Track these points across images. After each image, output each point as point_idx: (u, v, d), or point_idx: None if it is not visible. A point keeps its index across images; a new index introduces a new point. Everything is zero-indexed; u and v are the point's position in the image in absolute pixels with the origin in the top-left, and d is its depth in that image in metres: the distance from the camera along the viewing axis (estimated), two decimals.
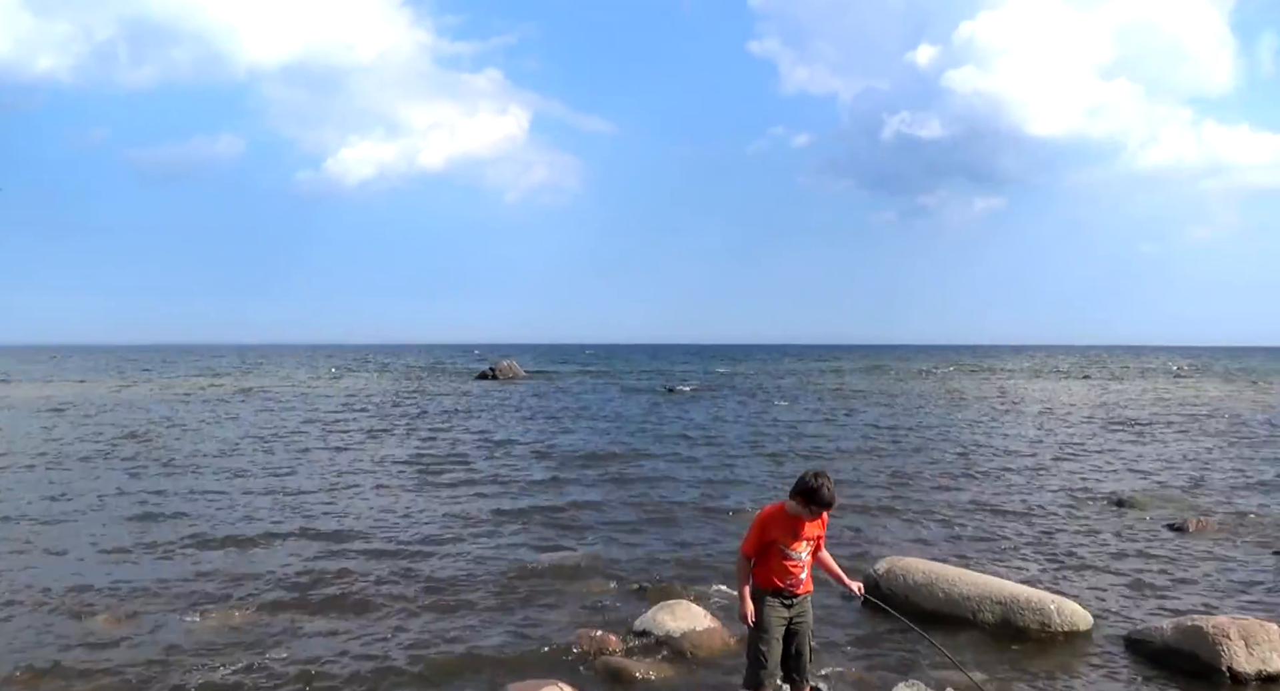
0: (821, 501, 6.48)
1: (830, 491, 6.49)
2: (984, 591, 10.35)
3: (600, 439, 28.07)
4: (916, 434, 29.95)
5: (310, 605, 10.76)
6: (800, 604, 6.84)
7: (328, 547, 13.56)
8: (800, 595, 6.82)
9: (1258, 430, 31.43)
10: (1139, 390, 55.41)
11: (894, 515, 16.47)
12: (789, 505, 6.62)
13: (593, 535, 14.65)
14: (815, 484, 6.44)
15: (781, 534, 6.63)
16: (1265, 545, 14.30)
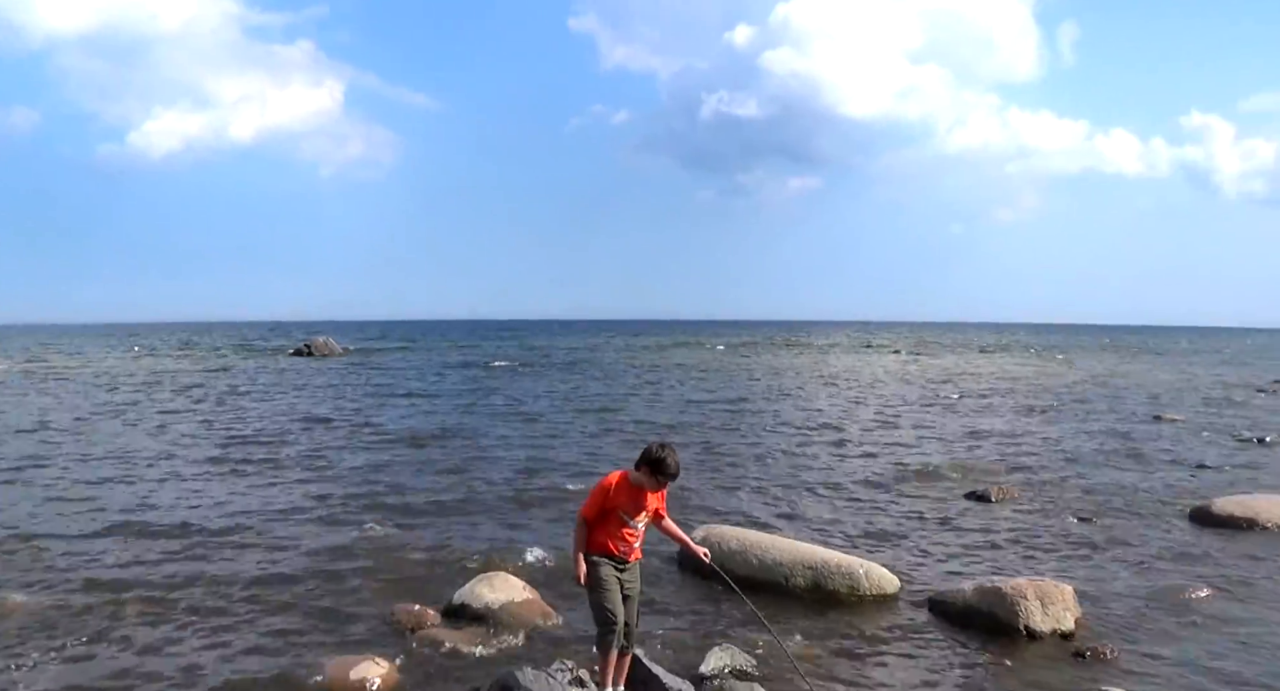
0: (666, 472, 6.52)
1: (675, 463, 6.55)
2: (796, 557, 10.53)
3: (418, 416, 27.63)
4: (732, 407, 30.44)
5: (120, 599, 10.12)
6: (631, 570, 6.86)
7: (132, 535, 12.91)
8: (631, 562, 6.84)
9: (1059, 403, 32.97)
10: (948, 365, 57.53)
11: (709, 485, 16.67)
12: (633, 475, 6.64)
13: (411, 512, 14.35)
14: (661, 455, 6.48)
15: (624, 503, 6.64)
16: (1063, 511, 14.97)
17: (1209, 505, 14.64)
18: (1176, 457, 20.64)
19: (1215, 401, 34.36)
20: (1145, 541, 13.15)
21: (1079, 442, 22.92)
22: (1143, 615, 9.91)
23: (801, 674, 7.69)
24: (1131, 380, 45.48)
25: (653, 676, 7.20)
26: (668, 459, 6.48)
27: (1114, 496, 16.21)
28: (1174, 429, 26.06)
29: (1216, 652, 8.81)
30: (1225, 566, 11.89)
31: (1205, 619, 9.80)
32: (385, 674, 7.85)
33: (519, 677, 7.10)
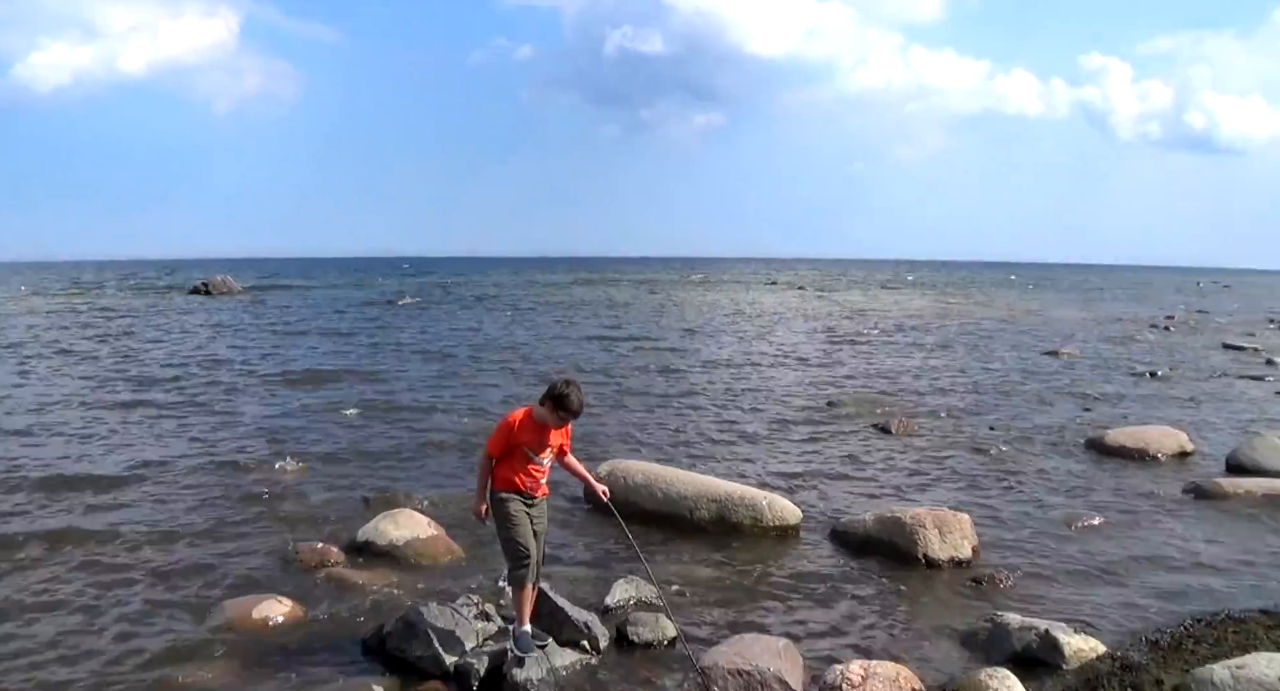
0: (569, 408, 6.47)
1: (579, 400, 6.50)
2: (700, 490, 10.61)
3: (320, 356, 27.07)
4: (639, 344, 30.45)
5: (15, 544, 9.83)
6: (539, 505, 6.83)
7: (24, 480, 12.57)
8: (539, 498, 6.81)
9: (958, 338, 33.57)
10: (851, 301, 58.08)
11: (616, 421, 16.72)
12: (537, 411, 6.57)
13: (313, 452, 14.14)
14: (565, 391, 6.42)
15: (529, 439, 6.58)
16: (962, 443, 15.30)
17: (1102, 436, 15.07)
18: (1072, 391, 21.17)
19: (1110, 337, 35.25)
20: (1041, 472, 13.50)
21: (977, 377, 23.40)
22: (1037, 542, 10.19)
23: (664, 605, 7.76)
24: (1029, 316, 46.45)
25: (558, 609, 7.22)
26: (570, 394, 6.43)
27: (1011, 428, 16.60)
28: (1070, 363, 26.71)
29: (1107, 578, 9.10)
30: (1117, 495, 12.28)
31: (1097, 545, 10.11)
32: (288, 612, 7.78)
33: (424, 614, 7.07)
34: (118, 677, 6.77)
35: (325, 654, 7.17)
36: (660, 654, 7.23)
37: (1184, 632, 7.52)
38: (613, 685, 6.71)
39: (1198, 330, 39.24)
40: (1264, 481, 12.23)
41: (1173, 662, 6.86)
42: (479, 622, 7.21)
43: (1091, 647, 7.09)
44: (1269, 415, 18.54)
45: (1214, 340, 34.16)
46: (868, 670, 6.12)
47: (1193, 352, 30.10)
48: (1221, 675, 6.23)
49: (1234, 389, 22.14)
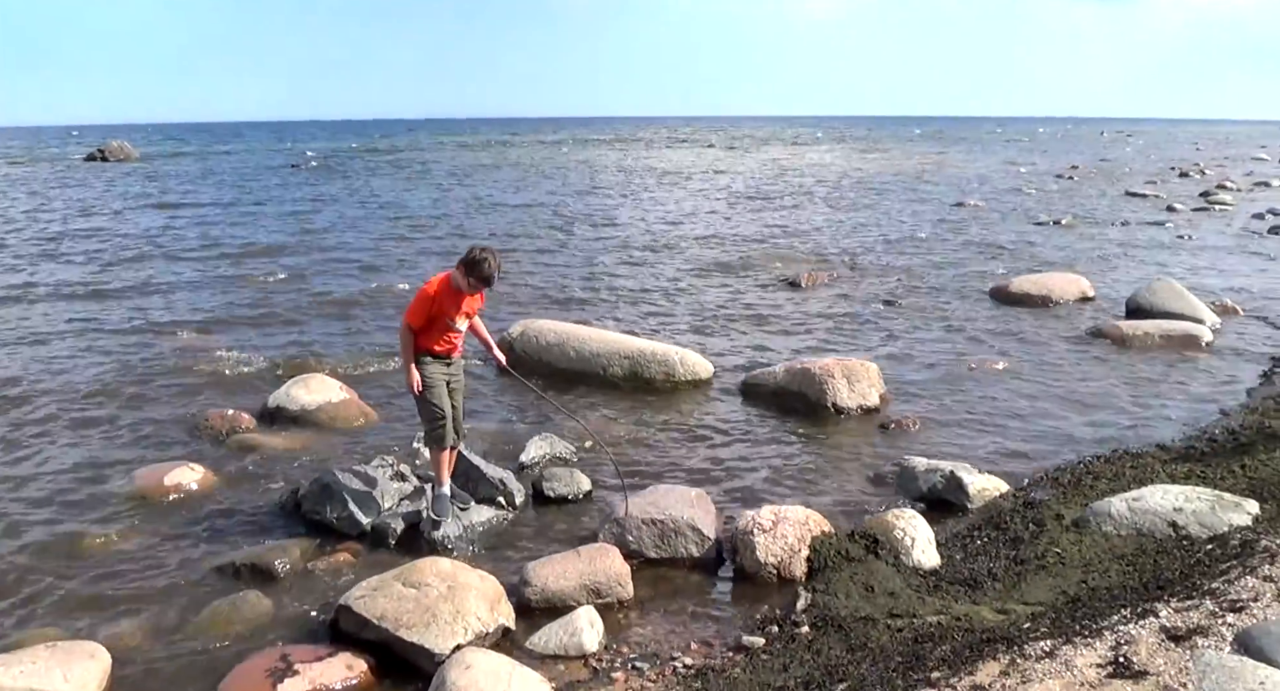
0: (482, 275, 6.41)
1: (492, 267, 6.42)
2: (613, 348, 10.64)
3: (227, 223, 26.32)
4: (546, 206, 30.07)
5: None
6: (455, 364, 6.86)
7: None
8: (455, 357, 6.85)
9: (866, 192, 33.77)
10: (761, 158, 57.95)
11: (526, 281, 16.62)
12: (454, 277, 6.50)
13: (220, 319, 13.91)
14: (480, 257, 6.36)
15: (448, 306, 6.55)
16: (869, 294, 15.50)
17: (1006, 284, 15.37)
18: (977, 241, 21.50)
19: (1015, 188, 35.70)
20: (947, 320, 13.76)
21: (885, 229, 23.63)
22: (943, 389, 10.42)
23: (610, 456, 7.84)
24: (937, 169, 46.79)
25: (473, 467, 7.25)
26: (486, 261, 6.37)
27: (918, 279, 16.86)
28: (975, 214, 27.08)
29: (1010, 420, 9.37)
30: (1020, 340, 12.59)
31: (1001, 390, 10.39)
32: (200, 478, 7.71)
33: (339, 476, 7.05)
34: (33, 544, 6.70)
35: (240, 518, 7.15)
36: (575, 507, 7.32)
37: (1084, 469, 7.78)
38: (529, 539, 6.79)
39: (1101, 179, 39.85)
40: (1162, 323, 12.59)
41: (1073, 498, 7.12)
42: (395, 483, 7.21)
43: (995, 487, 7.34)
44: (1168, 259, 19.01)
45: (1117, 188, 34.77)
46: (778, 514, 6.25)
47: (1096, 201, 30.65)
48: (1119, 507, 6.50)
49: (1135, 235, 22.65)
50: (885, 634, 5.11)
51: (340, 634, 5.32)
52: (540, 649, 5.25)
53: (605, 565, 5.84)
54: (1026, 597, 5.55)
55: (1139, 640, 4.67)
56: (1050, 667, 4.51)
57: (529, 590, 5.71)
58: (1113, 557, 5.99)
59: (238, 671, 5.04)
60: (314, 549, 6.57)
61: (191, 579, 6.21)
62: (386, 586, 5.36)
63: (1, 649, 5.18)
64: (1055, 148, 72.84)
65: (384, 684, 5.03)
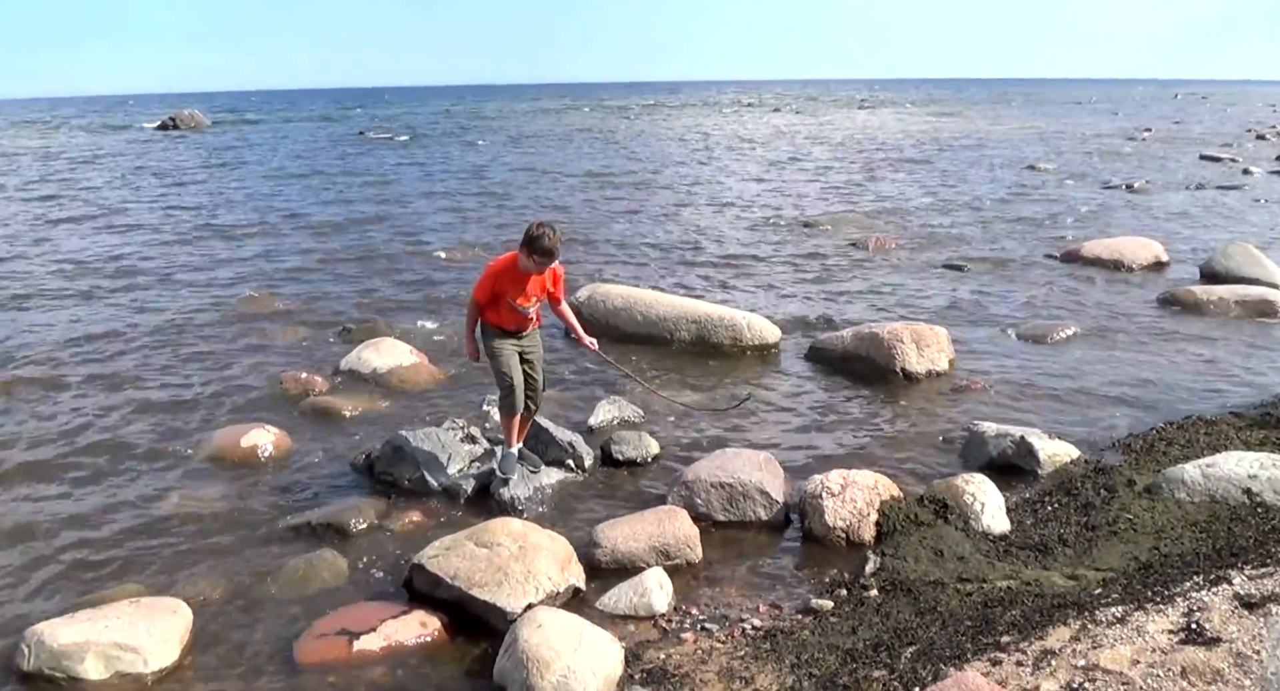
0: (541, 249, 6.24)
1: (551, 240, 6.25)
2: (680, 312, 10.66)
3: (302, 190, 26.69)
4: (613, 171, 30.04)
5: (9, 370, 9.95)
6: (531, 336, 6.83)
7: (15, 310, 12.67)
8: (530, 330, 6.82)
9: (938, 155, 33.35)
10: (828, 121, 57.35)
11: (595, 247, 16.67)
12: (520, 258, 6.38)
13: (296, 282, 14.15)
14: (536, 233, 6.22)
15: (509, 287, 6.49)
16: (938, 258, 15.36)
17: (1078, 249, 15.14)
18: (1048, 205, 21.16)
19: (1088, 151, 35.05)
20: (1017, 284, 13.62)
21: (954, 193, 23.36)
22: (1013, 354, 10.33)
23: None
24: (1006, 132, 46.05)
25: (543, 430, 7.32)
26: (543, 236, 6.23)
27: (987, 242, 16.68)
28: (1046, 178, 26.62)
29: (1082, 386, 9.25)
30: (1092, 305, 12.40)
31: (1072, 355, 10.27)
32: (276, 440, 7.85)
33: (411, 437, 7.17)
34: (117, 504, 6.89)
35: (314, 479, 7.30)
36: (644, 470, 7.37)
37: (1156, 436, 7.69)
38: (598, 501, 6.86)
39: (1175, 142, 39.01)
40: (1237, 288, 12.34)
41: (1145, 464, 7.04)
42: (465, 445, 7.31)
43: (1066, 452, 7.26)
44: (1244, 223, 18.62)
45: (1191, 152, 34.01)
46: (847, 479, 6.25)
47: (1169, 164, 30.03)
48: (1192, 473, 6.41)
49: (1210, 199, 22.16)
50: (954, 598, 5.11)
51: (414, 592, 5.43)
52: (610, 609, 5.32)
53: (674, 527, 5.89)
54: (1098, 563, 5.52)
55: (1212, 607, 4.62)
56: (1121, 633, 4.48)
57: (599, 551, 5.77)
58: (1185, 524, 5.92)
59: (314, 627, 5.17)
60: (387, 509, 6.68)
61: (269, 537, 6.36)
62: (459, 546, 5.45)
63: (89, 604, 5.34)
64: (1127, 110, 71.28)
65: (457, 641, 5.12)
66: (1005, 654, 4.43)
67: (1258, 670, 4.10)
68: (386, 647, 4.99)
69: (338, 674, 4.83)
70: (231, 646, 5.14)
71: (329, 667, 4.88)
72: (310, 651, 5.00)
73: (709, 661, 4.76)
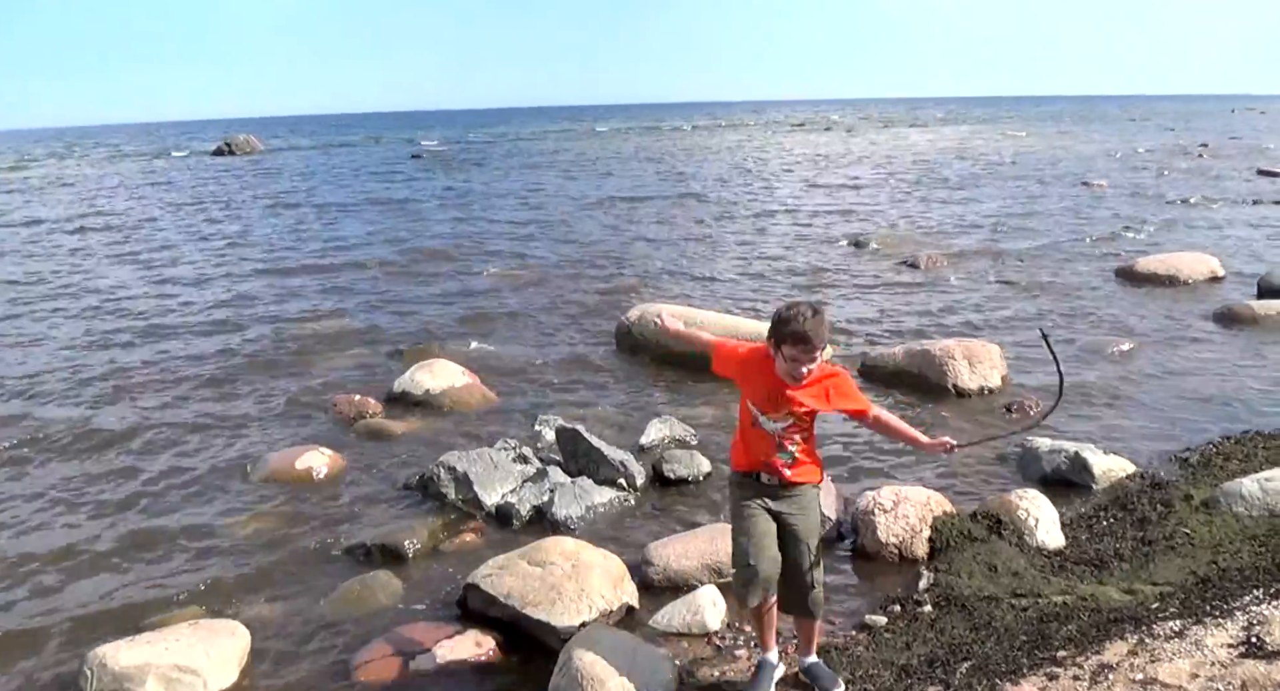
0: (796, 333, 4.13)
1: (807, 321, 4.13)
2: (729, 330, 10.61)
3: (350, 210, 27.01)
4: (670, 188, 30.12)
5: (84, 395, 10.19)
6: (792, 498, 4.51)
7: (74, 333, 12.93)
8: (788, 483, 4.50)
9: (990, 172, 33.19)
10: (878, 140, 57.18)
11: (646, 266, 16.77)
12: (778, 357, 4.30)
13: (348, 306, 14.29)
14: (787, 314, 4.19)
15: (752, 383, 4.49)
16: (991, 275, 15.29)
17: (1133, 264, 14.98)
18: (1103, 221, 20.97)
19: (1143, 166, 34.72)
20: (1071, 300, 13.48)
21: (1008, 210, 23.22)
22: (1068, 369, 10.21)
23: None
24: (1060, 149, 45.70)
25: (594, 449, 7.35)
26: (796, 318, 4.15)
27: (1041, 259, 16.55)
28: (1101, 194, 26.40)
29: (1137, 401, 9.16)
30: (1147, 320, 12.27)
31: (1128, 370, 10.15)
32: (330, 462, 7.94)
33: (464, 458, 7.24)
34: (174, 527, 6.99)
35: (369, 500, 7.37)
36: (695, 489, 7.37)
37: (1213, 450, 7.60)
38: (650, 520, 6.87)
39: (1232, 157, 38.51)
40: None
41: (1202, 479, 6.96)
42: (517, 465, 7.36)
43: (1121, 467, 7.19)
44: None
45: (1248, 166, 33.55)
46: (899, 495, 6.23)
47: (1226, 180, 29.64)
48: (1250, 488, 6.32)
49: (1268, 214, 21.84)
50: (1009, 613, 5.07)
51: (468, 612, 5.47)
52: (663, 627, 5.32)
53: (727, 545, 5.85)
54: (1154, 578, 5.45)
55: (1272, 620, 4.58)
56: (1180, 647, 4.45)
57: (651, 569, 5.79)
58: (1244, 538, 5.84)
59: (370, 648, 5.22)
60: (441, 529, 6.72)
61: (324, 559, 6.43)
62: (512, 565, 5.48)
63: (149, 627, 5.42)
64: (1183, 125, 70.46)
65: (511, 660, 5.14)
66: (1061, 669, 4.41)
67: None
68: (442, 667, 5.03)
69: None
70: (289, 667, 5.20)
71: (385, 687, 4.93)
72: (367, 672, 5.05)
73: None
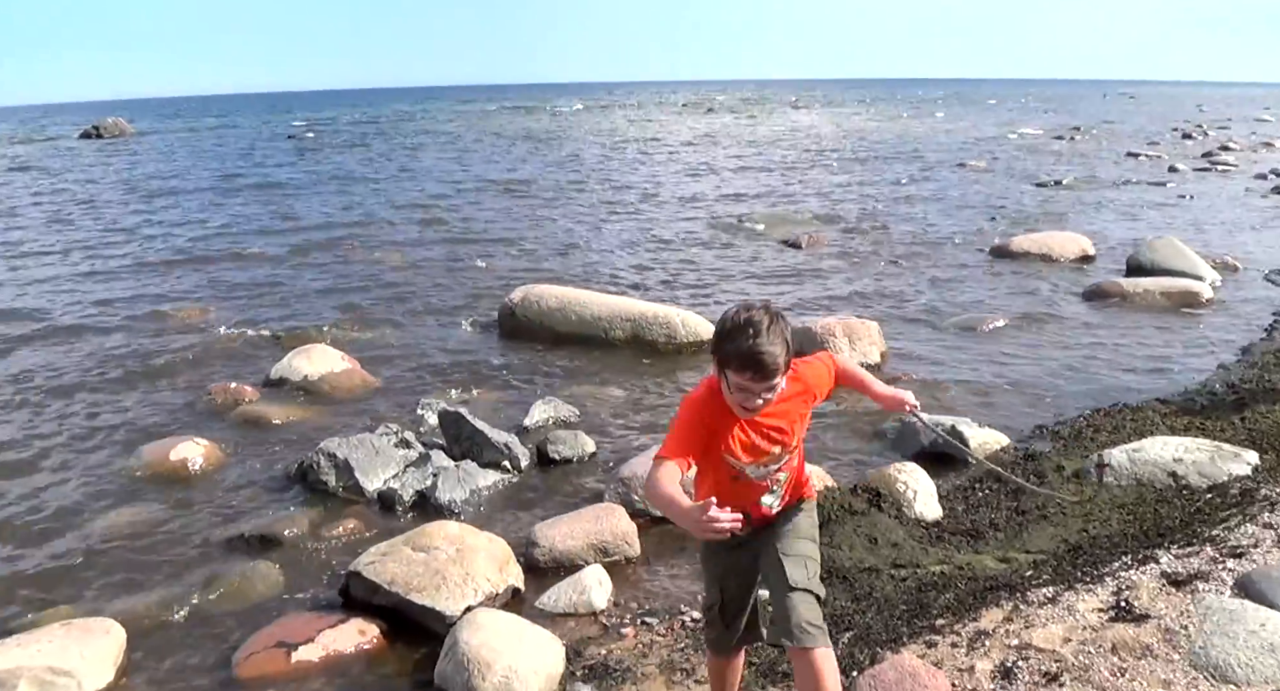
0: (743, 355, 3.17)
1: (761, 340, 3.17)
2: (614, 311, 10.69)
3: (225, 196, 26.22)
4: (544, 171, 29.82)
5: None
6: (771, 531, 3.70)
7: None
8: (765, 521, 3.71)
9: (868, 153, 33.69)
10: (760, 120, 57.52)
11: (528, 247, 16.70)
12: (723, 383, 3.32)
13: (223, 293, 13.85)
14: (728, 325, 3.29)
15: (726, 433, 3.40)
16: (870, 254, 15.56)
17: (1007, 243, 15.40)
18: (978, 201, 21.50)
19: (1017, 148, 35.64)
20: (947, 278, 13.82)
21: (886, 190, 23.66)
22: (944, 346, 10.47)
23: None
24: (938, 131, 46.64)
25: (477, 431, 7.29)
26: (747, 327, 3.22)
27: (919, 238, 16.92)
28: (977, 174, 27.07)
29: (1011, 376, 9.42)
30: (1021, 298, 12.62)
31: (1001, 346, 10.44)
32: (206, 452, 7.71)
33: (344, 444, 7.11)
34: (44, 525, 6.73)
35: (247, 490, 7.19)
36: (580, 469, 7.37)
37: (1084, 423, 7.83)
38: (535, 501, 6.84)
39: (1103, 140, 39.74)
40: (1162, 280, 12.61)
41: (1073, 450, 7.18)
42: (399, 450, 7.26)
43: (996, 440, 7.39)
44: (1169, 218, 19.01)
45: (1119, 149, 34.65)
46: None
47: (1097, 162, 30.57)
48: (1119, 458, 6.55)
49: (1137, 195, 22.60)
50: (889, 584, 5.17)
51: (351, 600, 5.36)
52: (550, 608, 5.31)
53: (612, 524, 5.90)
54: (1028, 546, 5.62)
55: (1140, 585, 4.73)
56: (1053, 613, 4.58)
57: (537, 551, 5.76)
58: (1113, 507, 6.05)
59: (252, 641, 5.09)
60: (322, 517, 6.60)
61: (202, 551, 6.25)
62: (395, 551, 5.41)
63: (19, 629, 5.21)
64: (1057, 109, 72.44)
65: (396, 647, 5.07)
66: (940, 636, 4.51)
67: (1185, 644, 4.21)
68: (326, 657, 4.94)
69: (277, 687, 4.77)
70: (167, 664, 5.04)
71: (268, 681, 4.81)
72: (249, 665, 4.92)
73: (650, 654, 4.78)
